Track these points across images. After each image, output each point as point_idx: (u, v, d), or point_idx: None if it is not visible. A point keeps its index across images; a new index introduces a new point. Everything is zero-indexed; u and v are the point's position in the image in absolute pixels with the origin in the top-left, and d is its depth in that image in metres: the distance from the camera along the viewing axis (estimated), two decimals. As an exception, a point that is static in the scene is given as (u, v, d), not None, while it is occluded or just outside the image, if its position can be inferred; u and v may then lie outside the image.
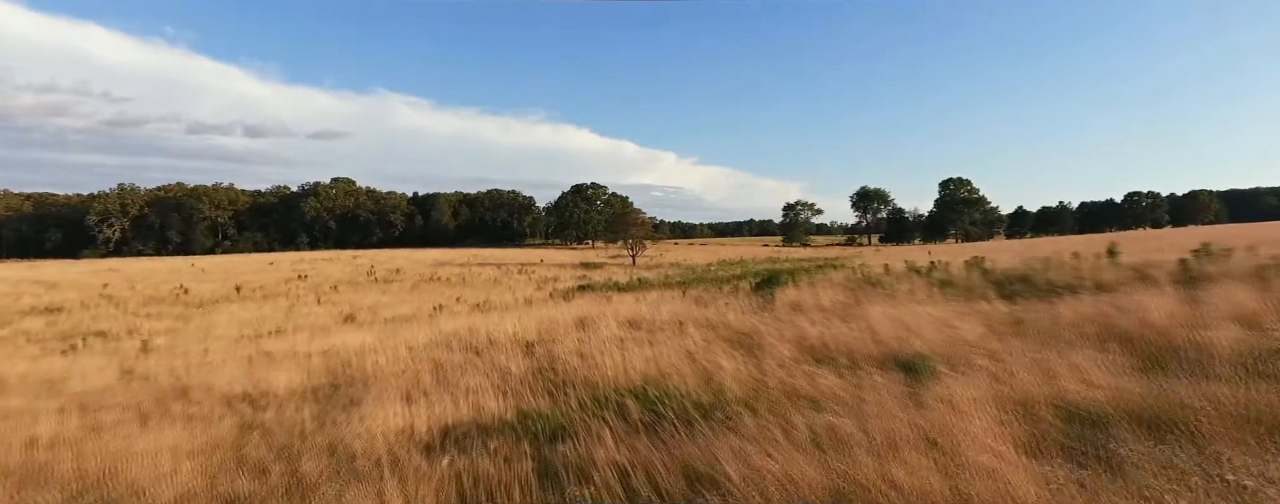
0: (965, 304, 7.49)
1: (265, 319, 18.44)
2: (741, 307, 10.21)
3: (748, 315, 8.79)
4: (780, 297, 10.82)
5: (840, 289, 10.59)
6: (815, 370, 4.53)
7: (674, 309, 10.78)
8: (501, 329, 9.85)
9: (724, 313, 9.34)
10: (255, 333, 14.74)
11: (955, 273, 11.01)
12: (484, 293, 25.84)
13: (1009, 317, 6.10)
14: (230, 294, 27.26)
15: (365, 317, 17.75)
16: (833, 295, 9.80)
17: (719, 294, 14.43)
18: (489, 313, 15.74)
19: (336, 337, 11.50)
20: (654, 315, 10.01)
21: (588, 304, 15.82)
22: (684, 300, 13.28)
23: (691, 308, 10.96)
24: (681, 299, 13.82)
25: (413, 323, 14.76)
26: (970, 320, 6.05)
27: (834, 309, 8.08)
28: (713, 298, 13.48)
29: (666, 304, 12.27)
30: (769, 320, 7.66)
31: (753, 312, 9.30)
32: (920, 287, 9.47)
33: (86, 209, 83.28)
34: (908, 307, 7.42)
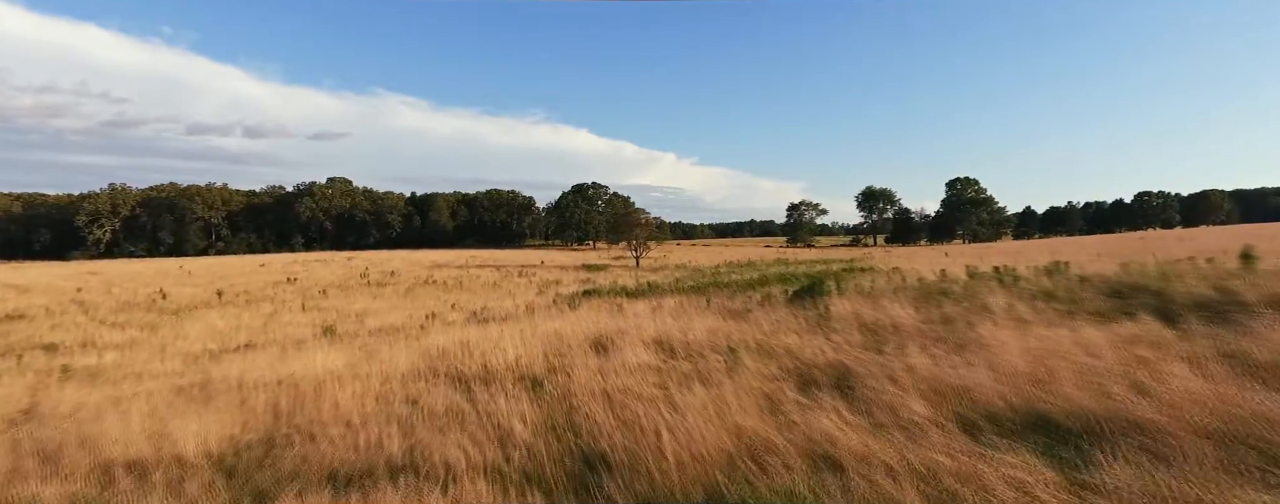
0: (1101, 326, 5.74)
1: (240, 329, 16.69)
2: (788, 322, 8.47)
3: (807, 336, 7.05)
4: (833, 309, 9.08)
5: (904, 300, 8.84)
6: (1016, 459, 2.79)
7: (706, 324, 9.04)
8: (500, 350, 8.11)
9: (773, 331, 7.60)
10: (221, 347, 12.99)
11: (1039, 280, 9.26)
12: (482, 298, 24.09)
13: (1214, 349, 4.35)
14: (211, 299, 25.51)
15: (350, 326, 16.00)
16: (902, 309, 8.05)
17: (747, 302, 12.69)
18: (486, 324, 13.99)
19: (306, 356, 9.74)
20: (685, 333, 8.27)
21: (597, 313, 14.08)
22: (711, 311, 11.53)
23: (726, 322, 9.22)
24: (706, 309, 12.08)
25: (400, 337, 13.00)
26: (1156, 353, 4.32)
27: (927, 332, 6.33)
28: (742, 307, 11.74)
29: (693, 317, 10.52)
30: (847, 347, 5.92)
31: (808, 330, 7.56)
32: (1013, 299, 7.72)
33: (77, 209, 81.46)
34: (1032, 330, 5.68)
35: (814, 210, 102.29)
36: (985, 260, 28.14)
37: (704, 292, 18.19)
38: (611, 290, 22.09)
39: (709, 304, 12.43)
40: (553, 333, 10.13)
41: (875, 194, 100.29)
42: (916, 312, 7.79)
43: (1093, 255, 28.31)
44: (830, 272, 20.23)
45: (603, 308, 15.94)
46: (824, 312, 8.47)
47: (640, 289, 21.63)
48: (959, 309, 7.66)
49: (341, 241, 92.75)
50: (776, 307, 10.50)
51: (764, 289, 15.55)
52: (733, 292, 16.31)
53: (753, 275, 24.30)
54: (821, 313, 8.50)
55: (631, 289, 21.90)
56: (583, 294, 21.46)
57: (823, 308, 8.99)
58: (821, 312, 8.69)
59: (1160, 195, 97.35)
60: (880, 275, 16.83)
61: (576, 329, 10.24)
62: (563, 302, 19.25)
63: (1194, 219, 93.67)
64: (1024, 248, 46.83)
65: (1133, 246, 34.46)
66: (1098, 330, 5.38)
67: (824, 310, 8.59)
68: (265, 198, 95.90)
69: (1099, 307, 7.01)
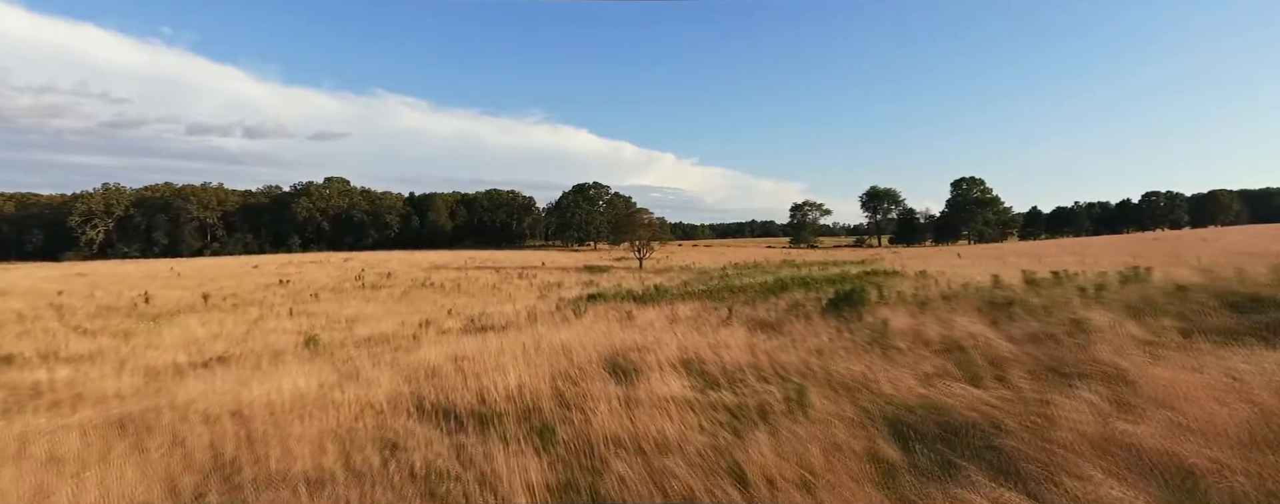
0: (1262, 352, 4.54)
1: (219, 337, 15.47)
2: (834, 337, 7.27)
3: (868, 358, 5.85)
4: (888, 323, 7.87)
5: (967, 311, 7.63)
6: None
7: (737, 340, 7.83)
8: (499, 371, 6.91)
9: (822, 351, 6.40)
10: (191, 359, 11.77)
11: (1120, 289, 8.06)
12: (480, 302, 22.87)
13: None
14: (196, 303, 24.27)
15: (337, 335, 14.77)
16: (973, 323, 6.85)
17: (773, 310, 11.48)
18: (485, 333, 12.79)
19: (278, 375, 8.53)
20: (716, 351, 7.07)
21: (606, 322, 12.87)
22: (735, 322, 10.32)
23: (759, 338, 8.01)
24: (728, 319, 10.87)
25: (388, 348, 11.79)
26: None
27: (1025, 356, 5.13)
28: (770, 317, 10.53)
29: (717, 329, 9.31)
30: (937, 379, 4.71)
31: (864, 349, 6.37)
32: (1110, 313, 6.52)
33: (69, 210, 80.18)
34: (1173, 358, 4.47)
35: (817, 211, 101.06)
36: (1011, 262, 26.94)
37: (718, 297, 16.98)
38: (617, 294, 20.87)
39: (732, 314, 11.22)
40: (559, 347, 8.93)
41: (880, 194, 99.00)
42: (993, 328, 6.58)
43: (1126, 256, 27.11)
44: (852, 275, 19.00)
45: (610, 315, 14.73)
46: (880, 327, 7.25)
47: (648, 293, 20.41)
48: (1044, 325, 6.45)
49: (339, 242, 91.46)
50: (811, 318, 9.30)
51: (786, 295, 14.35)
52: (752, 298, 15.10)
53: (766, 278, 23.09)
54: (876, 328, 7.29)
55: (638, 293, 20.68)
56: (587, 298, 20.25)
57: (875, 321, 7.79)
58: (875, 326, 7.48)
59: (1168, 195, 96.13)
60: (910, 280, 15.64)
61: (586, 343, 9.04)
62: (566, 307, 18.03)
63: (1202, 219, 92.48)
64: (1038, 249, 45.64)
65: (1160, 248, 33.33)
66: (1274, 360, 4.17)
67: (879, 325, 7.38)
68: (262, 198, 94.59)
69: (1223, 323, 5.81)
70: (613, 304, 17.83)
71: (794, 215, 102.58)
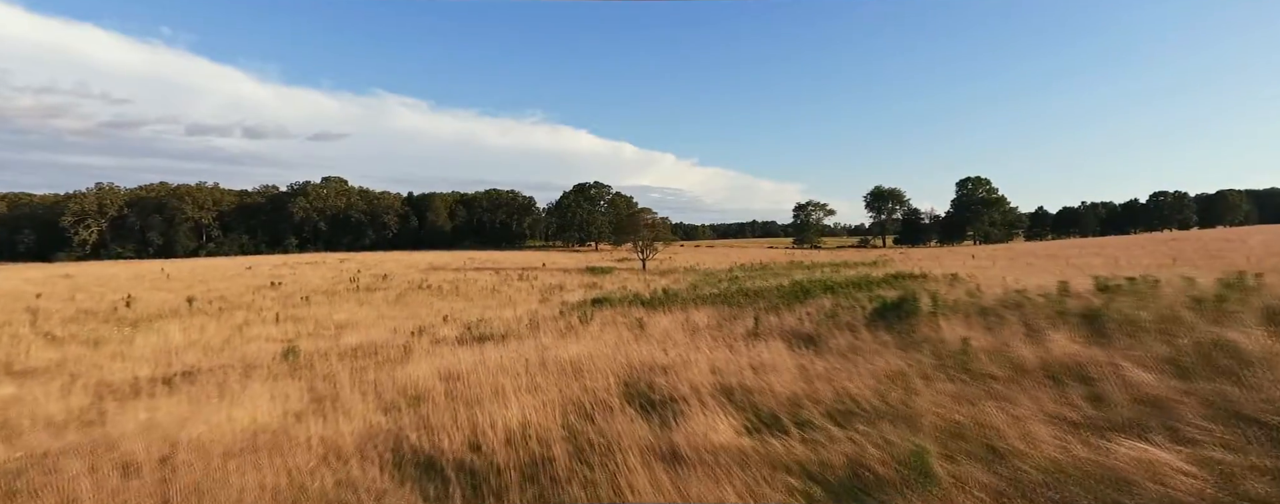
0: None
1: (194, 345, 14.28)
2: (899, 357, 6.07)
3: (962, 389, 4.66)
4: (936, 335, 6.68)
5: (1056, 328, 6.43)
6: None
7: (776, 358, 6.64)
8: (499, 399, 5.74)
9: (896, 376, 5.20)
10: (155, 373, 10.56)
11: (1227, 298, 6.87)
12: (479, 306, 21.69)
13: None
14: (180, 307, 23.05)
15: (321, 344, 13.57)
16: (1069, 343, 5.66)
17: (800, 318, 10.29)
18: (483, 344, 11.60)
19: (241, 398, 7.35)
20: (759, 375, 5.88)
21: (617, 331, 11.68)
22: (767, 335, 9.13)
23: (802, 356, 6.81)
24: (756, 330, 9.68)
25: (375, 361, 10.60)
26: None
27: (1183, 396, 3.93)
28: (803, 328, 9.33)
29: (748, 344, 8.11)
30: (1101, 429, 3.52)
31: (947, 374, 5.17)
32: (1243, 330, 5.33)
33: (62, 209, 78.92)
34: None
35: (821, 211, 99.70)
36: (1036, 265, 25.74)
37: (734, 302, 15.79)
38: (624, 299, 19.65)
39: (758, 325, 10.01)
40: (568, 365, 7.73)
41: (884, 194, 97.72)
42: (1106, 350, 5.38)
43: (1161, 257, 25.94)
44: (876, 278, 17.80)
45: (620, 322, 13.55)
46: (952, 345, 6.05)
47: (656, 297, 19.20)
48: (1173, 348, 5.24)
49: (336, 243, 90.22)
50: (857, 330, 8.09)
51: (812, 301, 13.15)
52: (773, 304, 13.90)
53: (781, 281, 21.89)
54: (947, 345, 6.08)
55: (646, 297, 19.47)
56: (591, 303, 19.04)
57: (936, 335, 6.59)
58: (942, 342, 6.27)
59: (1176, 195, 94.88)
60: (942, 284, 14.45)
61: (598, 360, 7.85)
62: (570, 312, 16.84)
63: (1210, 219, 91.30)
64: (1053, 250, 44.38)
65: (1190, 248, 32.16)
66: None
67: (945, 341, 6.17)
68: (258, 198, 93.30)
69: None
70: (620, 310, 16.64)
71: (797, 215, 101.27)
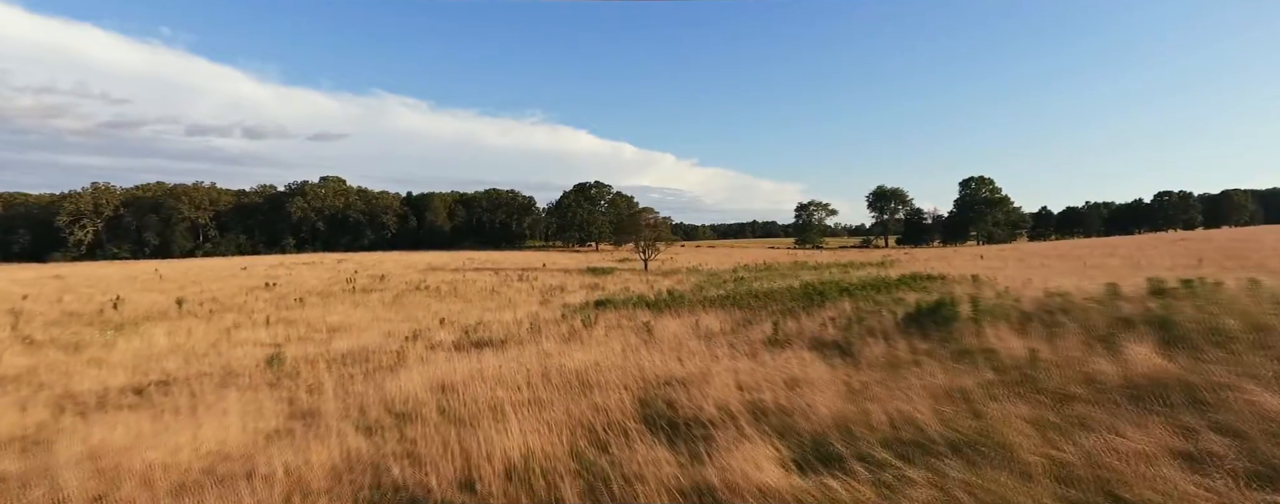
0: None
1: (176, 351, 13.56)
2: (949, 370, 5.36)
3: (1046, 414, 3.95)
4: (979, 344, 5.97)
5: (1129, 340, 5.71)
6: None
7: (811, 370, 5.93)
8: (497, 419, 5.03)
9: (965, 401, 4.49)
10: (126, 383, 9.85)
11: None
12: (477, 308, 20.97)
13: None
14: (168, 309, 22.32)
15: (309, 350, 12.84)
16: (1150, 356, 4.94)
17: (821, 323, 9.57)
18: (481, 350, 10.88)
19: (211, 414, 6.63)
20: (796, 392, 5.17)
21: (624, 335, 10.98)
22: (786, 342, 8.41)
23: (839, 369, 6.10)
24: (774, 337, 8.96)
25: (365, 368, 9.88)
26: None
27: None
28: (825, 333, 8.62)
29: (779, 355, 7.40)
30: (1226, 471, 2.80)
31: (1017, 393, 4.46)
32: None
33: (58, 209, 78.11)
34: None
35: (823, 211, 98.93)
36: (1051, 266, 25.03)
37: (744, 305, 15.08)
38: (628, 300, 18.93)
39: (777, 331, 9.27)
40: (574, 377, 7.02)
41: (886, 194, 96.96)
42: (1199, 364, 4.66)
43: (1185, 258, 25.18)
44: (891, 280, 17.08)
45: (626, 326, 12.84)
46: (1030, 357, 5.32)
47: (662, 299, 18.47)
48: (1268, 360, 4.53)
49: (334, 243, 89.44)
50: (890, 337, 7.37)
51: (831, 304, 12.42)
52: (788, 307, 13.18)
53: (790, 283, 21.18)
54: (1017, 359, 5.36)
55: (651, 299, 18.75)
56: (594, 305, 18.33)
57: (979, 344, 5.87)
58: (995, 354, 5.55)
59: (1181, 195, 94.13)
60: (965, 286, 13.72)
61: (607, 369, 7.13)
62: (573, 315, 16.13)
63: (1215, 219, 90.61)
64: (1063, 250, 43.59)
65: (1207, 248, 31.41)
66: None
67: (1028, 357, 5.42)
68: (255, 197, 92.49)
69: None
70: (625, 312, 15.93)
71: (799, 216, 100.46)
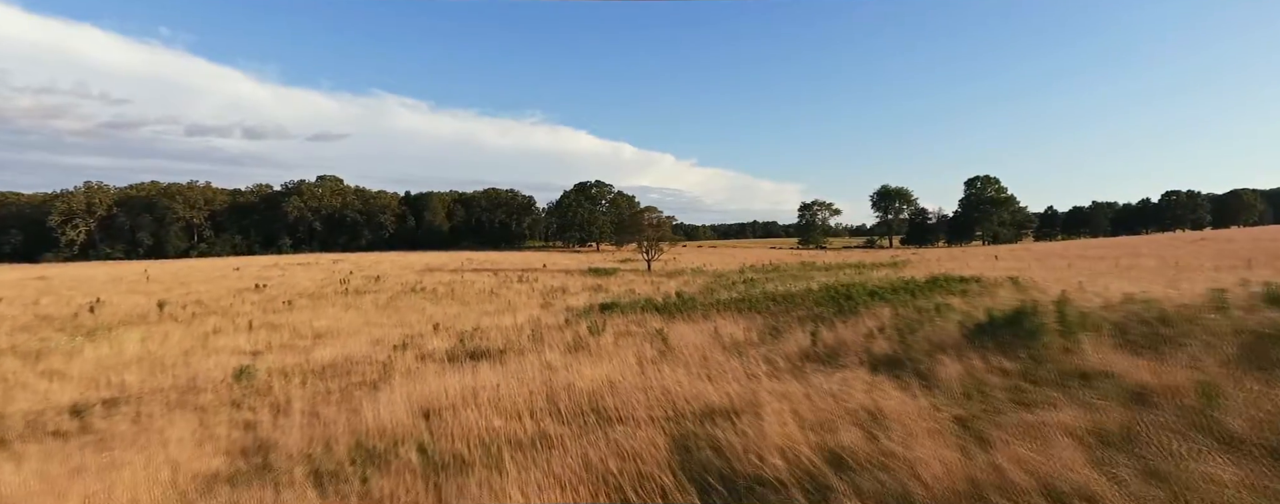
0: None
1: (145, 360, 12.37)
2: (1048, 395, 4.20)
3: (1236, 473, 2.76)
4: (1109, 367, 4.81)
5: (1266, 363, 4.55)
6: None
7: (882, 403, 4.76)
8: (494, 469, 3.88)
9: (1125, 447, 3.32)
10: (74, 400, 8.68)
11: None
12: (475, 312, 19.79)
13: None
14: (149, 313, 21.14)
15: (289, 359, 11.66)
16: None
17: (861, 333, 8.41)
18: (477, 362, 9.71)
19: (145, 447, 5.47)
20: (881, 432, 4.02)
21: (635, 343, 9.81)
22: (830, 358, 7.26)
23: (914, 398, 4.94)
24: (813, 349, 7.80)
25: (343, 384, 8.72)
26: None
27: None
28: (875, 346, 7.46)
29: (834, 376, 6.23)
30: None
31: (1191, 444, 3.29)
32: None
33: (50, 209, 76.85)
34: None
35: (827, 210, 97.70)
36: (1078, 267, 23.89)
37: (762, 309, 13.92)
38: (633, 304, 17.71)
39: (816, 342, 8.09)
40: (587, 400, 5.85)
41: (891, 193, 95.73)
42: None
43: (1222, 261, 23.99)
44: (916, 282, 15.91)
45: (637, 333, 11.68)
46: (1201, 392, 4.14)
47: (671, 303, 17.27)
48: None
49: (331, 243, 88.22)
50: (963, 353, 6.20)
51: (865, 310, 11.24)
52: (813, 312, 12.01)
53: (805, 285, 20.01)
54: (1166, 393, 4.18)
55: (659, 303, 17.54)
56: (599, 309, 17.13)
57: (1103, 367, 4.70)
58: (1132, 381, 4.38)
59: (1189, 194, 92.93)
60: (1007, 290, 12.57)
61: (627, 391, 5.96)
62: (577, 320, 14.97)
63: (1225, 219, 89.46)
64: (1078, 250, 42.35)
65: (1234, 250, 30.27)
66: None
67: (1201, 391, 4.24)
68: (251, 197, 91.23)
69: None
70: (633, 317, 14.77)
71: (803, 215, 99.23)
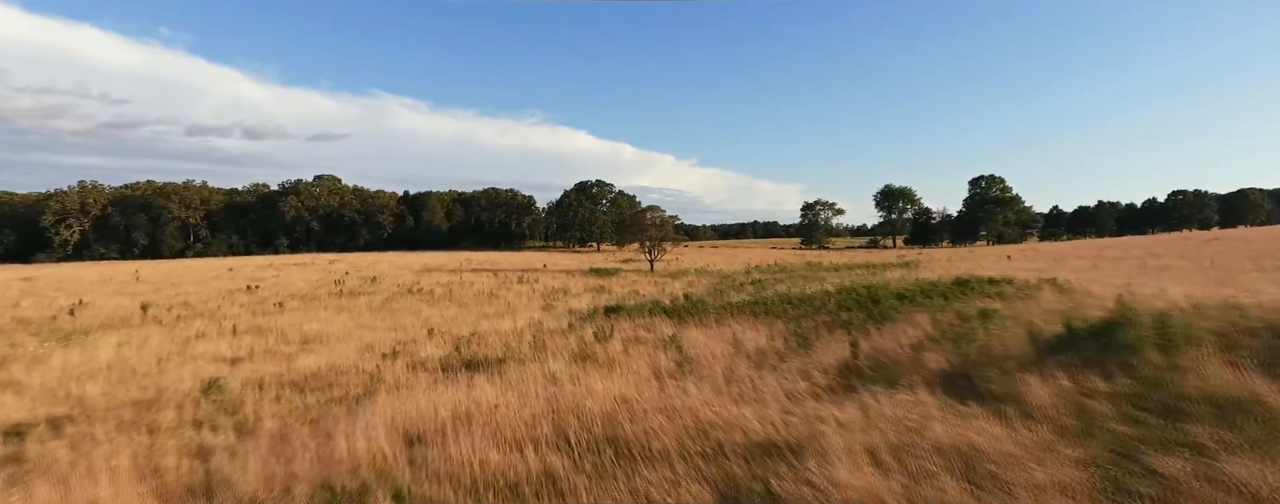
0: None
1: (115, 368, 11.42)
2: (1191, 434, 3.26)
3: None
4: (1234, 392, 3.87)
5: None
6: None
7: (973, 438, 3.81)
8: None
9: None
10: (23, 418, 7.72)
11: None
12: (473, 315, 18.84)
13: None
14: (132, 316, 20.19)
15: (269, 368, 10.70)
16: None
17: (893, 341, 7.47)
18: (474, 374, 8.75)
19: (67, 485, 4.52)
20: (978, 481, 3.03)
21: (644, 352, 8.87)
22: (882, 379, 6.32)
23: (1009, 434, 4.00)
24: (850, 364, 6.84)
25: (323, 400, 7.77)
26: None
27: None
28: (914, 354, 6.53)
29: (879, 395, 5.28)
30: None
31: None
32: None
33: (43, 208, 75.85)
34: None
35: (830, 210, 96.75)
36: (1105, 268, 22.94)
37: (778, 313, 12.96)
38: (639, 306, 16.70)
39: (856, 354, 7.13)
40: (600, 426, 4.89)
41: (894, 193, 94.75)
42: None
43: (1270, 261, 22.95)
44: (943, 284, 14.95)
45: (647, 340, 10.73)
46: None
47: (679, 305, 16.28)
48: None
49: (329, 243, 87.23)
50: (1043, 370, 5.25)
51: (894, 315, 10.28)
52: (836, 318, 11.06)
53: (819, 286, 19.06)
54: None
55: (667, 305, 16.55)
56: (604, 312, 16.14)
57: (1228, 393, 3.76)
58: None
59: (1196, 194, 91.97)
60: (1051, 294, 11.61)
61: (647, 412, 5.02)
62: (581, 324, 14.02)
63: (1231, 219, 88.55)
64: (1092, 250, 41.35)
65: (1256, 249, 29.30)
66: None
67: None
68: (247, 196, 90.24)
69: None
70: (641, 321, 13.82)
71: (805, 215, 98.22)
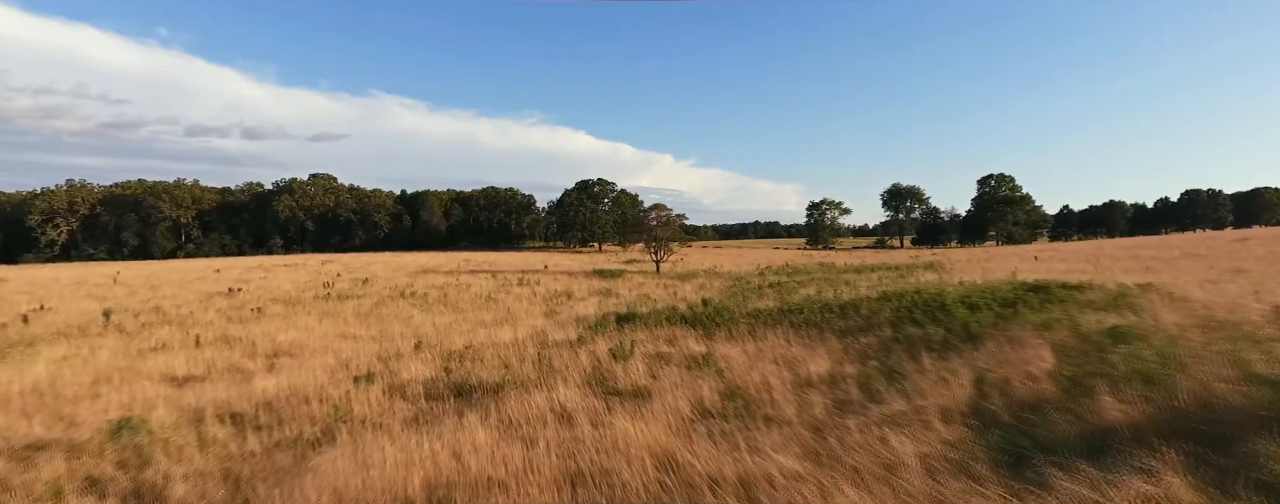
0: None
1: (40, 392, 9.60)
2: None
3: None
4: None
5: None
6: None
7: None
8: None
9: None
10: None
11: None
12: (469, 322, 17.03)
13: None
14: (93, 322, 18.37)
15: (218, 395, 8.88)
16: None
17: (1030, 373, 5.69)
18: (463, 407, 6.95)
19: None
20: None
21: (674, 376, 7.06)
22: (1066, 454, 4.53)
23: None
24: (977, 404, 5.07)
25: (267, 444, 5.99)
26: None
27: None
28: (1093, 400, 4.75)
29: (1066, 477, 3.48)
30: None
31: None
32: None
33: (29, 208, 73.94)
34: None
35: (836, 210, 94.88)
36: (1156, 267, 21.15)
37: (819, 325, 11.19)
38: (655, 314, 14.82)
39: (985, 396, 5.34)
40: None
41: (902, 192, 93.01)
42: None
43: None
44: (1001, 290, 13.15)
45: (671, 355, 8.93)
46: None
47: (699, 314, 14.40)
48: None
49: (324, 243, 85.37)
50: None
51: (979, 328, 8.48)
52: (896, 331, 9.26)
53: (853, 291, 17.29)
54: None
55: (686, 313, 14.69)
56: (615, 321, 14.28)
57: None
58: None
59: (1210, 193, 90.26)
60: (1163, 303, 9.83)
61: (705, 478, 3.21)
62: (591, 334, 12.23)
63: (1247, 218, 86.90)
64: (1112, 250, 39.45)
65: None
66: None
67: None
68: (241, 196, 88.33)
69: None
70: (660, 332, 12.03)
71: (811, 215, 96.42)
